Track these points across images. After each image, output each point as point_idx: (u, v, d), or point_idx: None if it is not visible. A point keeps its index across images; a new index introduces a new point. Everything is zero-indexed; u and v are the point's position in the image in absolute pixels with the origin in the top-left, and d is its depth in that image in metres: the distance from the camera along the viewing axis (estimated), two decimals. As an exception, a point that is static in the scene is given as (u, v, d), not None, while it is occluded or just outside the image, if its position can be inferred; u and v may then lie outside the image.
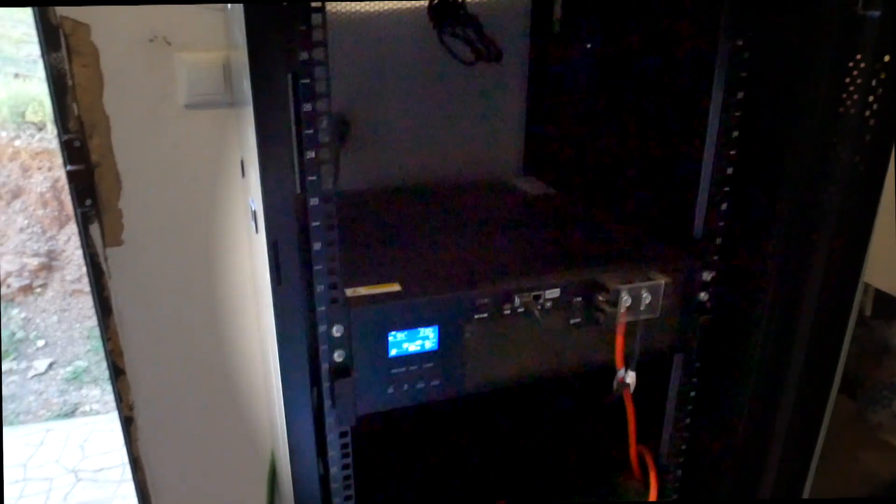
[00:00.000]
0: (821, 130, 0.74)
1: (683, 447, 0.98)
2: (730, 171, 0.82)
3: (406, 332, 0.73)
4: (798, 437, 0.88)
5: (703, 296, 0.86)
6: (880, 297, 0.80)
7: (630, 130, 1.07)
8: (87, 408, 3.71)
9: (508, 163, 1.37)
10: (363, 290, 0.73)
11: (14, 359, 4.21)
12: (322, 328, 0.69)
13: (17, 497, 2.73)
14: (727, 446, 0.97)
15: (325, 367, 0.71)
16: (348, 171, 1.25)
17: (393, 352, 0.73)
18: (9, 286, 4.59)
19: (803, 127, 0.75)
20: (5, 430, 3.45)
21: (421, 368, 0.75)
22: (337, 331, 0.70)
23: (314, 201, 0.64)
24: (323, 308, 0.69)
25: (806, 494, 0.91)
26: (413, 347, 0.74)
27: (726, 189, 0.82)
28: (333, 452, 0.76)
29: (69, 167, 1.17)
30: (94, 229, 1.23)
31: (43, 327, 4.47)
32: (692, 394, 0.94)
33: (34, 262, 4.66)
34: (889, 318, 0.81)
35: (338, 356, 0.71)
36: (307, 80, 0.62)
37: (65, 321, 4.51)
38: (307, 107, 0.62)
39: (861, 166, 0.72)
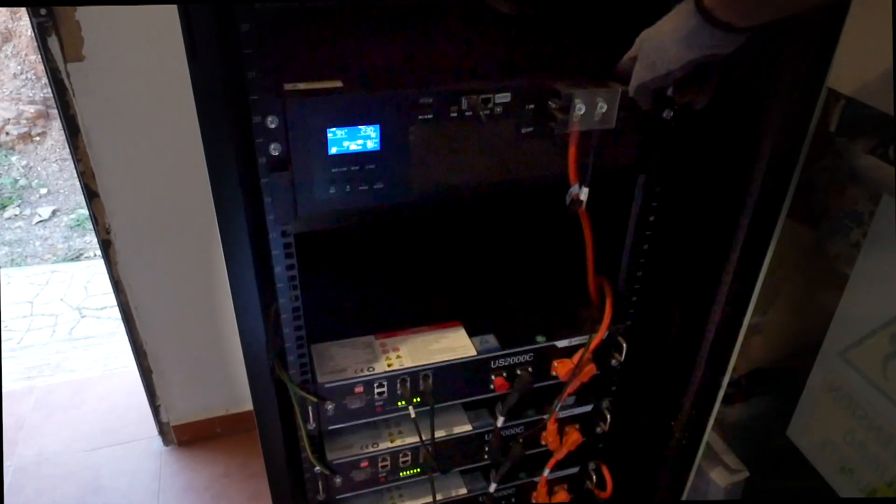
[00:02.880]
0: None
1: (640, 273, 0.99)
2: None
3: (346, 130, 0.71)
4: (749, 259, 0.88)
5: (666, 113, 0.83)
6: (849, 111, 0.77)
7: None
8: (90, 254, 3.81)
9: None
10: (302, 85, 0.70)
11: (18, 205, 4.28)
12: (256, 119, 0.67)
13: (25, 330, 2.87)
14: (680, 270, 0.97)
15: (261, 160, 0.70)
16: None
17: (333, 150, 0.71)
18: (7, 134, 4.57)
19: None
20: (13, 270, 3.56)
21: (363, 169, 0.74)
22: (272, 122, 0.68)
23: (238, -26, 0.60)
24: (256, 97, 0.66)
25: (748, 318, 0.93)
26: (354, 146, 0.72)
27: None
28: (276, 252, 0.77)
29: (18, -30, 1.11)
30: (53, 42, 1.19)
31: (44, 175, 4.50)
32: (652, 218, 0.93)
33: (31, 110, 4.61)
34: (854, 137, 0.78)
35: (274, 149, 0.69)
36: None
37: (66, 170, 4.53)
38: None
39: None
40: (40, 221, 4.17)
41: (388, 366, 0.92)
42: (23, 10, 4.56)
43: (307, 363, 0.89)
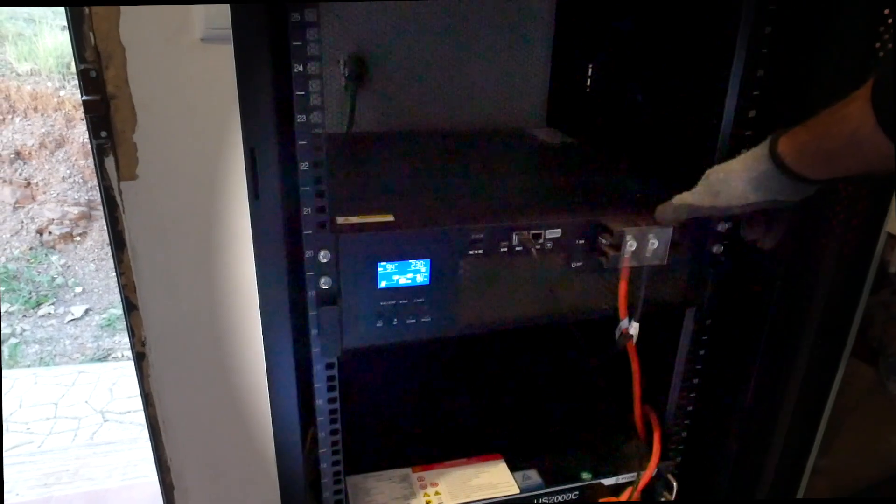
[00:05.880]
0: (852, 72, 0.68)
1: (690, 408, 0.94)
2: (752, 114, 0.76)
3: (397, 264, 0.70)
4: (809, 401, 0.84)
5: (716, 248, 0.82)
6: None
7: (656, 81, 1.01)
8: (118, 354, 3.82)
9: (531, 113, 1.32)
10: (355, 219, 0.71)
11: (52, 303, 4.35)
12: (308, 253, 0.67)
13: (47, 433, 2.83)
14: (735, 408, 0.93)
15: (310, 294, 0.69)
16: (365, 113, 1.23)
17: (382, 283, 0.71)
18: (50, 233, 4.72)
19: (833, 69, 0.70)
20: (41, 369, 3.57)
21: (411, 303, 0.73)
22: (324, 257, 0.68)
23: (301, 118, 0.62)
24: (310, 232, 0.67)
25: (812, 462, 0.87)
26: (404, 280, 0.72)
27: (748, 133, 0.77)
28: (319, 385, 0.75)
29: (84, 97, 1.17)
30: (109, 162, 1.24)
31: (81, 275, 4.60)
32: (702, 352, 0.90)
33: (75, 211, 4.78)
34: (916, 278, 0.76)
35: (324, 283, 0.69)
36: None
37: (102, 270, 4.63)
38: (295, 16, 0.59)
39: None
40: (72, 320, 4.22)
41: (427, 503, 0.88)
42: (78, 119, 4.84)
43: (342, 499, 0.84)
